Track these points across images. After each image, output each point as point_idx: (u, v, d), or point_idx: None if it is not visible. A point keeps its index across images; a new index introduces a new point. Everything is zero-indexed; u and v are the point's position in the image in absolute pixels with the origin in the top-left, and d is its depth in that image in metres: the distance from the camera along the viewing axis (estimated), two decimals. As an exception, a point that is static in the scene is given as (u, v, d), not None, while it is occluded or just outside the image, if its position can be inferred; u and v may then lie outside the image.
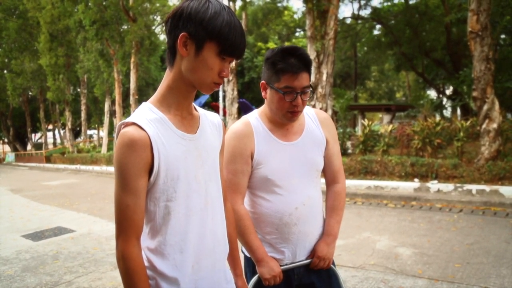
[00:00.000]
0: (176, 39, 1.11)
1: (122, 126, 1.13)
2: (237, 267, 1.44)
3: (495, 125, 8.17)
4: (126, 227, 1.10)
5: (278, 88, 1.54)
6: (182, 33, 1.09)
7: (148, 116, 1.14)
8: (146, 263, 1.18)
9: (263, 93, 1.63)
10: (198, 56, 1.10)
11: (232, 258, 1.43)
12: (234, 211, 1.58)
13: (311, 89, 1.58)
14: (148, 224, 1.18)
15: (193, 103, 1.30)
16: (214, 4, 1.10)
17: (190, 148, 1.19)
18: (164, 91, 1.19)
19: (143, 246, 1.19)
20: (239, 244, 1.69)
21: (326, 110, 10.79)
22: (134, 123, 1.11)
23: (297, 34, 30.82)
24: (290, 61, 1.51)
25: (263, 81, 1.61)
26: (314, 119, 1.72)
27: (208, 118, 1.32)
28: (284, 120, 1.60)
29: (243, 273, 1.49)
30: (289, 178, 1.62)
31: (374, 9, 21.67)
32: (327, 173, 1.76)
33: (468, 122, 9.88)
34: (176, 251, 1.17)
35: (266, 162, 1.60)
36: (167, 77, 1.18)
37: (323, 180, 1.76)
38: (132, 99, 18.57)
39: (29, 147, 38.30)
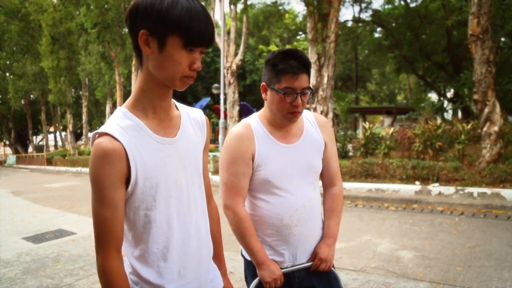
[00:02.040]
0: (137, 38, 1.03)
1: (96, 136, 1.07)
2: (221, 267, 1.42)
3: (496, 128, 8.17)
4: (105, 241, 1.06)
5: (278, 88, 1.55)
6: (141, 31, 1.02)
7: (123, 123, 1.08)
8: (130, 269, 1.16)
9: (263, 95, 1.65)
10: (162, 52, 1.03)
11: (217, 258, 1.41)
12: (235, 213, 1.58)
13: (310, 90, 1.59)
14: (130, 232, 1.15)
15: (175, 101, 1.24)
16: None
17: (170, 153, 1.14)
18: (137, 94, 1.12)
19: (127, 253, 1.17)
20: (240, 247, 1.69)
21: (327, 113, 10.79)
22: (107, 134, 1.05)
23: (298, 37, 30.86)
24: (290, 63, 1.53)
25: (263, 83, 1.63)
26: (313, 122, 1.74)
27: (190, 116, 1.26)
28: (285, 121, 1.61)
29: (227, 273, 1.49)
30: (289, 180, 1.62)
31: (375, 12, 21.68)
32: (325, 175, 1.77)
33: (469, 125, 9.88)
34: (159, 258, 1.14)
35: (266, 164, 1.61)
36: (138, 79, 1.13)
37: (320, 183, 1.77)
38: (133, 102, 18.59)
39: (30, 149, 38.38)
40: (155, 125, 1.13)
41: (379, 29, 23.75)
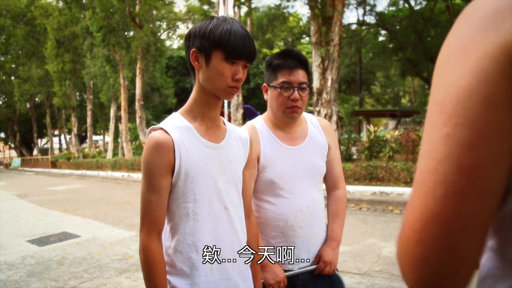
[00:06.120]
0: (190, 57, 1.25)
1: (152, 130, 1.26)
2: (256, 281, 1.46)
3: (501, 131, 8.12)
4: (148, 222, 1.21)
5: (275, 84, 1.60)
6: (192, 50, 1.24)
7: (176, 124, 1.27)
8: (166, 259, 1.27)
9: (265, 96, 1.69)
10: (209, 66, 1.22)
11: (253, 272, 1.45)
12: None
13: (308, 85, 1.62)
14: (169, 223, 1.29)
15: (224, 119, 1.41)
16: (216, 18, 1.23)
17: (212, 156, 1.29)
18: (190, 103, 1.32)
19: (164, 246, 1.28)
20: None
21: (331, 116, 10.78)
22: (161, 128, 1.24)
23: (302, 40, 30.91)
24: (286, 59, 1.59)
25: (264, 84, 1.68)
26: (317, 125, 1.77)
27: (236, 132, 1.42)
28: (285, 117, 1.63)
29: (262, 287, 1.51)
30: (294, 181, 1.64)
31: (379, 15, 21.70)
32: (328, 178, 1.78)
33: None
34: (192, 250, 1.26)
35: (271, 166, 1.62)
36: (193, 91, 1.32)
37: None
38: (137, 105, 18.66)
39: (35, 152, 38.60)
40: (202, 130, 1.30)
41: (383, 32, 23.75)
